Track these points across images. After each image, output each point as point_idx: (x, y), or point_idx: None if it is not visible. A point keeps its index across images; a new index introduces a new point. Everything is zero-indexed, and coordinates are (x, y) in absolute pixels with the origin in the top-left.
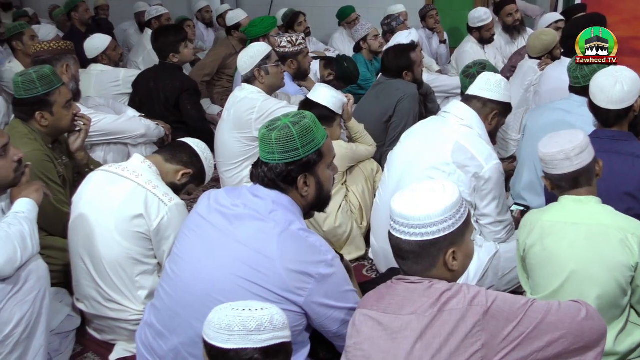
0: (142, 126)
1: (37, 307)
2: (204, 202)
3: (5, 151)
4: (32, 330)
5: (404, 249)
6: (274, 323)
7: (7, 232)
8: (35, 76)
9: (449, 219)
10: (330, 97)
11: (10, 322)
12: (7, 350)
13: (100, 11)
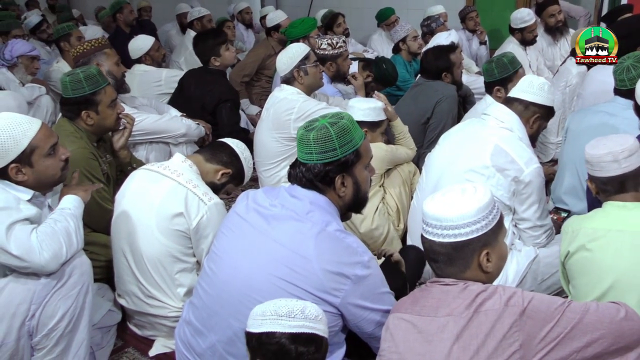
0: (183, 126)
1: (81, 301)
2: (242, 202)
3: (55, 150)
4: (75, 324)
5: (437, 251)
6: (305, 312)
7: (53, 228)
8: (82, 76)
9: (482, 220)
10: (365, 111)
11: (55, 315)
12: (51, 344)
13: (143, 12)
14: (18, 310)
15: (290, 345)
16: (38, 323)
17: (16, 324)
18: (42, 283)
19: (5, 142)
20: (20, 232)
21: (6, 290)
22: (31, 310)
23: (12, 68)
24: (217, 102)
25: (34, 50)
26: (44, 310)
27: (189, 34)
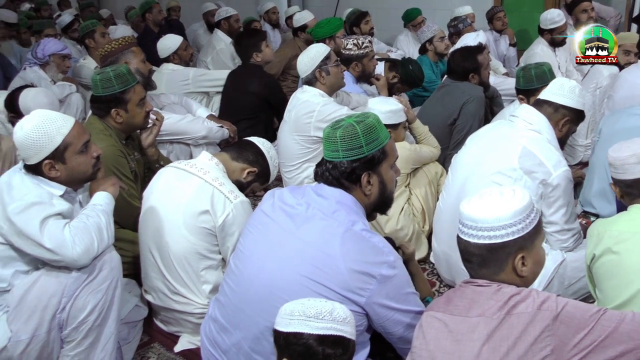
0: (204, 128)
1: (110, 296)
2: (268, 200)
3: (87, 147)
4: (104, 318)
5: (472, 252)
6: (334, 314)
7: (85, 223)
8: (112, 74)
9: (519, 223)
10: (386, 114)
11: (85, 309)
12: (80, 336)
13: (172, 12)
14: (50, 302)
15: (317, 347)
16: (68, 316)
17: (47, 317)
18: (73, 277)
19: (40, 138)
20: (53, 226)
21: (39, 283)
22: (62, 303)
23: (44, 66)
24: (265, 91)
25: (65, 49)
26: (75, 304)
27: (217, 33)
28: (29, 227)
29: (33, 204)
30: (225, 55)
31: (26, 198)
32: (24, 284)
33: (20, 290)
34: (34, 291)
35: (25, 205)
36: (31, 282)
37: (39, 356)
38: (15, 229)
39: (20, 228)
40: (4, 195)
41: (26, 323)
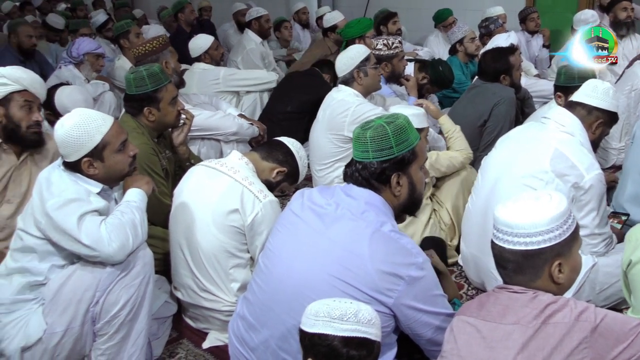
0: (235, 125)
1: (142, 291)
2: (297, 200)
3: (124, 146)
4: (136, 313)
5: (506, 258)
6: (359, 316)
7: (120, 219)
8: (145, 74)
9: (556, 229)
10: (412, 117)
11: (117, 303)
12: (112, 330)
13: (203, 12)
14: (84, 296)
15: (341, 349)
16: (101, 310)
17: (81, 310)
18: (107, 271)
19: (80, 136)
20: (90, 223)
21: (74, 276)
22: (96, 297)
23: (78, 65)
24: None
25: (99, 48)
26: (108, 298)
27: (247, 33)
28: (67, 223)
29: (71, 200)
30: (255, 55)
31: (64, 194)
32: (59, 278)
33: (56, 284)
34: (69, 285)
35: (63, 201)
36: (67, 275)
37: (72, 348)
38: (54, 224)
39: (58, 224)
40: (43, 191)
41: (61, 316)
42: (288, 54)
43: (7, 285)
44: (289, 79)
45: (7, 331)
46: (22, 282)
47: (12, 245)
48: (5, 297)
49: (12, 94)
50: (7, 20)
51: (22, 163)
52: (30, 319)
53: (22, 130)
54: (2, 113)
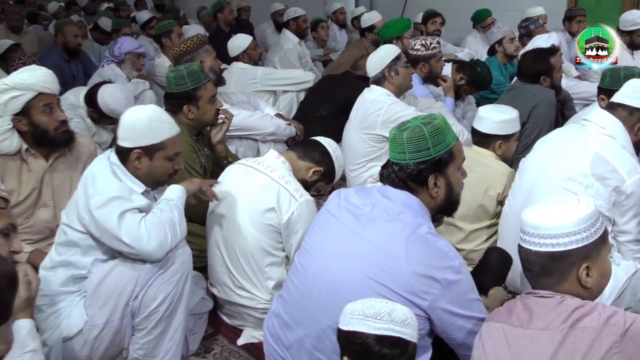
0: (272, 125)
1: (180, 288)
2: (334, 200)
3: (175, 158)
4: (174, 309)
5: (532, 261)
6: (392, 316)
7: (159, 218)
8: (185, 72)
9: (583, 231)
10: (500, 124)
11: (156, 299)
12: (151, 325)
13: (242, 12)
14: (124, 290)
15: (374, 347)
16: (140, 305)
17: (121, 304)
18: (147, 267)
19: (146, 129)
20: (130, 221)
21: (115, 271)
22: (135, 292)
23: (120, 64)
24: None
25: (140, 48)
26: (147, 293)
27: (284, 33)
28: (108, 222)
29: (114, 198)
30: (292, 55)
31: (108, 192)
32: (101, 272)
33: (97, 277)
34: (110, 279)
35: (106, 199)
36: (108, 270)
37: (111, 341)
38: (96, 221)
39: (100, 221)
40: (89, 187)
41: (101, 309)
42: (325, 54)
43: (52, 278)
44: (325, 80)
45: (51, 322)
46: (65, 275)
47: (56, 240)
48: (49, 289)
49: (29, 102)
50: (52, 20)
51: (53, 165)
52: (73, 311)
53: (50, 133)
54: (26, 122)
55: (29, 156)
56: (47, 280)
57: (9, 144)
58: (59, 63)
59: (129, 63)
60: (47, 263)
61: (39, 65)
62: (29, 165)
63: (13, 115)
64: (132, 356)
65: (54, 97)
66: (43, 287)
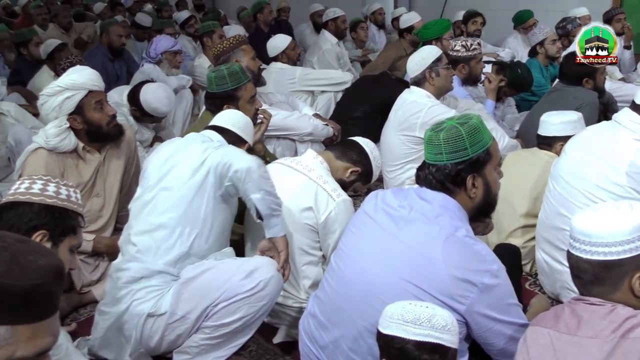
0: (310, 125)
1: (260, 314)
2: (371, 201)
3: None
4: (245, 329)
5: (583, 269)
6: (432, 321)
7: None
8: (226, 72)
9: (637, 240)
10: (558, 125)
11: (234, 315)
12: (216, 334)
13: (281, 13)
14: (209, 294)
15: (413, 352)
16: (216, 313)
17: (202, 306)
18: (237, 282)
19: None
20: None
21: (209, 273)
22: (218, 300)
23: (157, 64)
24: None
25: (176, 46)
26: (228, 307)
27: (323, 34)
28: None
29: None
30: (330, 56)
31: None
32: (195, 268)
33: (191, 273)
34: (203, 279)
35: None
36: (203, 269)
37: (180, 335)
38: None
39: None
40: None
41: (185, 302)
42: (363, 55)
43: (165, 253)
44: (361, 80)
45: (144, 294)
46: (177, 255)
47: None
48: (157, 264)
49: (81, 101)
50: (97, 20)
51: (105, 158)
52: (167, 293)
53: (104, 128)
54: (81, 120)
55: (85, 153)
56: (159, 253)
57: (68, 142)
58: (103, 62)
59: (166, 62)
60: (166, 236)
61: (85, 65)
62: (85, 161)
63: (68, 114)
64: (182, 349)
65: (102, 93)
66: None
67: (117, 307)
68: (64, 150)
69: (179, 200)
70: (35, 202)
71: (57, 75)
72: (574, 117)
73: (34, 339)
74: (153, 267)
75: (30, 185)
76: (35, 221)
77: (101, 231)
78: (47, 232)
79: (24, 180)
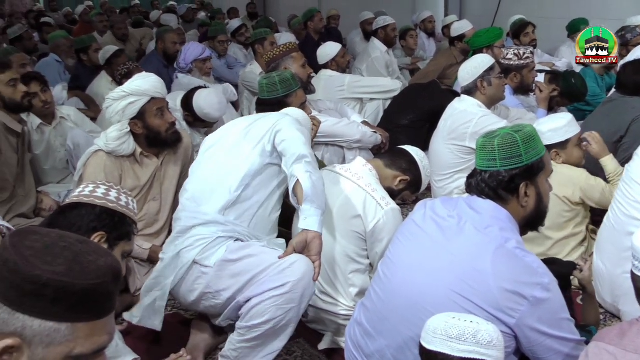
0: (359, 132)
1: (289, 317)
2: (420, 211)
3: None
4: (277, 332)
5: None
6: (477, 337)
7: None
8: (277, 79)
9: None
10: (546, 134)
11: (262, 316)
12: (250, 336)
13: (331, 20)
14: (243, 279)
15: None
16: (247, 314)
17: (235, 287)
18: (271, 275)
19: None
20: None
21: (250, 260)
22: (249, 292)
23: (188, 73)
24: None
25: (205, 53)
26: (257, 307)
27: (373, 42)
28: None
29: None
30: (380, 64)
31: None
32: (242, 250)
33: (235, 255)
34: (242, 263)
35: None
36: (247, 254)
37: (213, 306)
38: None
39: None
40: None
41: (221, 280)
42: (412, 63)
43: (213, 200)
44: (410, 89)
45: (192, 241)
46: (225, 202)
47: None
48: (206, 212)
49: (144, 107)
50: (154, 28)
51: (163, 163)
52: (217, 246)
53: (162, 135)
54: (141, 125)
55: (142, 158)
56: (215, 196)
57: (126, 147)
58: (158, 69)
59: (196, 71)
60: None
61: (142, 71)
62: (142, 165)
63: (130, 119)
64: (224, 352)
65: (164, 101)
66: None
67: (167, 255)
68: (122, 154)
69: (230, 153)
70: (98, 205)
71: (114, 80)
72: (562, 122)
73: (92, 337)
74: (202, 215)
75: (94, 189)
76: (96, 223)
77: (156, 235)
78: (106, 234)
79: (88, 184)
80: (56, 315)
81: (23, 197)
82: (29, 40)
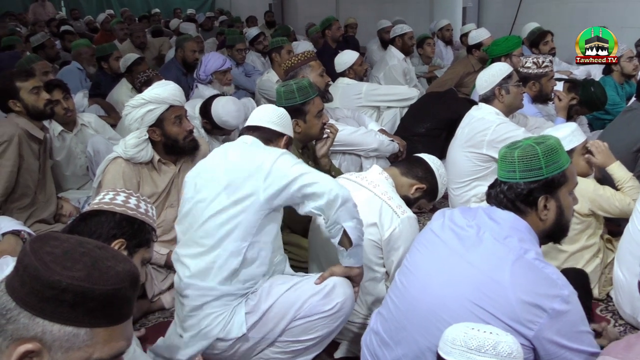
0: (376, 141)
1: (331, 330)
2: (438, 220)
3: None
4: (319, 344)
5: None
6: (497, 349)
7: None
8: (295, 87)
9: None
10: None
11: (310, 333)
12: (290, 349)
13: (349, 29)
14: (289, 314)
15: None
16: (293, 329)
17: (282, 325)
18: (315, 301)
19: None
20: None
21: (287, 295)
22: (296, 317)
23: (208, 84)
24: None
25: (225, 64)
26: (305, 325)
27: (390, 50)
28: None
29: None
30: (397, 72)
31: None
32: (268, 291)
33: (269, 302)
34: (280, 302)
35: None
36: (282, 292)
37: (254, 349)
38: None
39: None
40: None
41: (263, 326)
42: (429, 71)
43: (218, 272)
44: (426, 97)
45: (210, 320)
46: (230, 271)
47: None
48: (213, 286)
49: (162, 114)
50: (172, 36)
51: (180, 170)
52: (235, 315)
53: (180, 142)
54: (159, 133)
55: (160, 165)
56: (221, 262)
57: (144, 154)
58: (177, 76)
59: (217, 82)
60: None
61: (162, 78)
62: (160, 172)
63: (148, 126)
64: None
65: (182, 109)
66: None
67: (187, 334)
68: (140, 161)
69: (227, 217)
70: (118, 212)
71: (134, 88)
72: (566, 131)
73: (110, 342)
74: (210, 292)
75: (114, 196)
76: (116, 230)
77: (174, 242)
78: (125, 241)
79: (108, 191)
80: (75, 320)
81: (44, 203)
82: (51, 48)
